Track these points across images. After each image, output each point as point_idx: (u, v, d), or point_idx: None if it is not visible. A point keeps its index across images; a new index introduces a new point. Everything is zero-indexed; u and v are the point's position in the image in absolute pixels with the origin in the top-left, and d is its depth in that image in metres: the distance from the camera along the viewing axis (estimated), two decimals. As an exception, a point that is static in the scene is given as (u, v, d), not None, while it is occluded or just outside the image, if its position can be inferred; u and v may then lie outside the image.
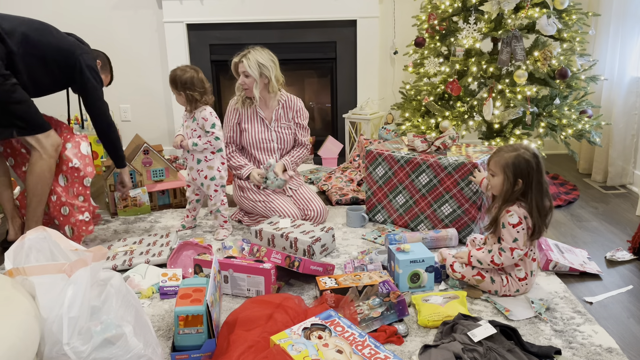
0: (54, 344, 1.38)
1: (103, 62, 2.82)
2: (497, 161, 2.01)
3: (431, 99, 3.39)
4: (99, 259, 1.50)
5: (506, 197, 2.01)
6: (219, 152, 2.72)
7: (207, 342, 1.68)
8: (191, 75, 2.61)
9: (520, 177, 1.96)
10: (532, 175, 1.96)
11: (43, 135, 2.47)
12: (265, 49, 2.84)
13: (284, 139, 2.96)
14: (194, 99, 2.63)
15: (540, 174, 1.98)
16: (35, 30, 2.46)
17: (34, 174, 2.50)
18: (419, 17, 3.56)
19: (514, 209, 1.98)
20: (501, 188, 2.02)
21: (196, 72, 2.64)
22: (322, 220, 2.88)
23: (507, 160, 1.98)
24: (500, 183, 2.02)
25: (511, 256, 1.99)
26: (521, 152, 1.98)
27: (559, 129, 3.14)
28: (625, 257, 2.43)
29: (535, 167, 1.96)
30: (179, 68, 2.65)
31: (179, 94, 2.64)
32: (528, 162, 1.96)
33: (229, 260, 2.14)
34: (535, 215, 1.97)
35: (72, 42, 2.58)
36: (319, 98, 4.61)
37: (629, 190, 3.40)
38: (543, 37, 3.17)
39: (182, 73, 2.61)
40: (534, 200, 1.97)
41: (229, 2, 4.05)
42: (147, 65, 4.30)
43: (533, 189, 1.97)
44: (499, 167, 2.01)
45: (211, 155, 2.70)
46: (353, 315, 1.84)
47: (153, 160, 3.21)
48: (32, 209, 2.56)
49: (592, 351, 1.74)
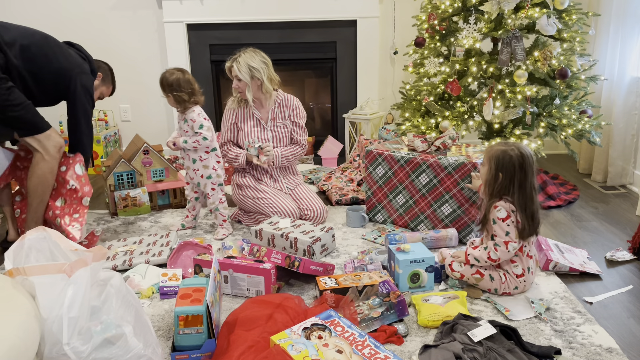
0: (54, 344, 1.38)
1: (105, 73, 2.83)
2: (487, 151, 2.09)
3: (431, 99, 3.39)
4: (99, 259, 1.50)
5: (489, 189, 2.06)
6: (213, 151, 2.74)
7: (207, 342, 1.68)
8: (177, 77, 2.66)
9: (501, 171, 2.01)
10: (513, 172, 1.99)
11: (44, 136, 2.47)
12: (257, 50, 2.84)
13: (281, 137, 2.96)
14: (182, 100, 2.68)
15: (525, 174, 2.00)
16: (35, 45, 2.43)
17: (35, 175, 2.50)
18: (419, 17, 3.56)
19: (500, 204, 2.02)
20: (485, 179, 2.09)
21: (182, 74, 2.69)
22: (322, 220, 2.88)
23: (494, 153, 2.04)
24: (485, 173, 2.09)
25: (507, 250, 2.00)
26: (509, 148, 2.02)
27: (559, 129, 3.14)
28: (625, 257, 2.43)
29: (517, 165, 1.99)
30: (167, 70, 2.70)
31: (168, 96, 2.70)
32: (511, 158, 2.00)
33: (229, 260, 2.14)
34: (521, 214, 2.00)
35: (71, 60, 2.55)
36: (319, 98, 4.61)
37: (629, 190, 3.40)
38: (543, 37, 3.17)
39: (169, 75, 2.67)
40: (516, 199, 2.00)
41: (229, 2, 4.05)
42: (147, 65, 4.30)
43: (515, 186, 2.00)
44: (487, 157, 2.08)
45: (206, 155, 2.73)
46: (353, 315, 1.84)
47: (153, 160, 3.21)
48: (32, 209, 2.55)
49: (592, 351, 1.74)
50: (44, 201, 2.56)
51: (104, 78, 2.83)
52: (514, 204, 2.01)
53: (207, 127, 2.69)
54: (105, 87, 2.87)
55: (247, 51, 2.81)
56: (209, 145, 2.70)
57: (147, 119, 4.45)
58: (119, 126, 4.46)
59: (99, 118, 4.27)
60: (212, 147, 2.72)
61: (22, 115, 2.40)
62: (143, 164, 3.18)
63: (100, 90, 2.87)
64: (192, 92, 2.69)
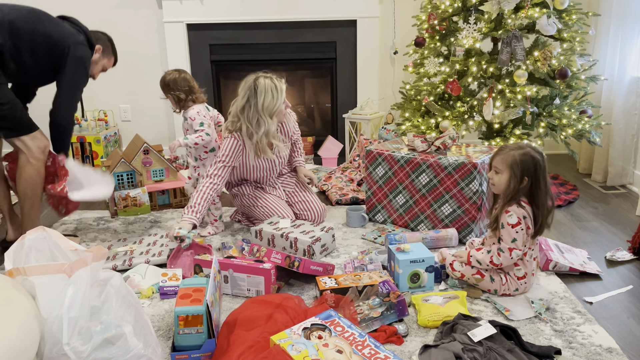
0: (54, 344, 1.39)
1: (104, 45, 2.72)
2: (504, 159, 2.01)
3: (431, 99, 3.39)
4: (98, 259, 1.50)
5: (511, 195, 2.00)
6: (211, 151, 2.74)
7: (207, 342, 1.68)
8: (173, 76, 2.71)
9: (527, 174, 1.97)
10: (538, 173, 1.97)
11: (29, 137, 2.41)
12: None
13: (285, 157, 2.84)
14: (179, 99, 2.71)
15: (545, 172, 2.00)
16: (23, 19, 2.35)
17: (22, 179, 2.44)
18: (419, 17, 3.56)
19: (513, 209, 1.98)
20: (506, 186, 2.01)
21: (179, 73, 2.73)
22: (321, 220, 2.88)
23: (515, 158, 1.98)
24: (505, 181, 2.01)
25: (510, 256, 1.99)
26: (528, 150, 1.99)
27: (559, 129, 3.14)
28: (625, 257, 2.43)
29: (541, 165, 1.98)
30: (165, 72, 2.74)
31: (167, 97, 2.74)
32: (535, 159, 1.97)
33: (229, 260, 2.14)
34: (541, 212, 1.99)
35: (63, 32, 2.47)
36: (319, 98, 4.61)
37: (629, 190, 3.40)
38: (543, 37, 3.17)
39: (166, 75, 2.72)
40: (539, 199, 1.98)
41: (228, 2, 4.05)
42: (147, 65, 4.30)
43: (540, 187, 1.98)
44: (505, 164, 2.00)
45: (205, 154, 2.76)
46: (353, 315, 1.84)
47: (153, 160, 3.20)
48: (25, 213, 2.51)
49: (592, 351, 1.74)
50: (36, 203, 2.52)
51: (104, 50, 2.72)
52: (531, 206, 1.99)
53: (207, 123, 2.69)
54: (106, 59, 2.77)
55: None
56: (208, 145, 2.70)
57: (147, 119, 4.45)
58: (119, 126, 4.46)
59: (99, 118, 4.27)
60: (210, 147, 2.72)
61: (8, 115, 2.35)
62: (143, 164, 3.18)
63: (102, 63, 2.76)
64: (189, 90, 2.71)
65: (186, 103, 2.71)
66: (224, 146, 2.60)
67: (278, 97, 2.52)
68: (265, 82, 2.52)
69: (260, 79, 2.53)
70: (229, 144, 2.59)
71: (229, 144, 2.59)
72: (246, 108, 2.53)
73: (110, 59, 2.81)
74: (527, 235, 2.00)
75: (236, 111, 2.58)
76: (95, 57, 2.67)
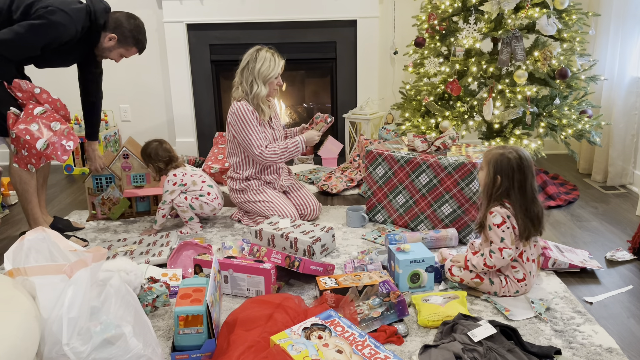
0: (53, 344, 1.39)
1: (121, 35, 2.66)
2: (485, 155, 2.09)
3: (431, 99, 3.39)
4: (98, 260, 1.50)
5: (488, 192, 2.05)
6: (185, 193, 2.80)
7: (207, 342, 1.68)
8: (155, 146, 2.82)
9: (499, 174, 2.00)
10: (512, 175, 1.99)
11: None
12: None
13: (281, 133, 3.04)
14: (160, 169, 2.84)
15: (524, 176, 1.99)
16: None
17: (12, 176, 2.52)
18: (419, 17, 3.56)
19: (496, 210, 2.00)
20: (484, 183, 2.08)
21: (160, 144, 2.84)
22: (316, 215, 2.95)
23: (492, 156, 2.03)
24: (483, 177, 2.08)
25: (501, 257, 1.99)
26: (507, 151, 2.01)
27: (559, 129, 3.14)
28: (625, 257, 2.43)
29: (516, 167, 1.98)
30: (146, 142, 2.86)
31: (147, 167, 2.89)
32: (509, 160, 1.99)
33: (229, 260, 2.14)
34: (521, 217, 1.99)
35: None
36: (319, 98, 4.61)
37: (629, 190, 3.40)
38: (543, 37, 3.17)
39: (146, 146, 2.84)
40: (517, 202, 1.99)
41: (229, 2, 4.05)
42: (147, 66, 4.30)
43: (515, 189, 1.99)
44: (485, 161, 2.07)
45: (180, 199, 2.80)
46: (353, 315, 1.84)
47: (133, 164, 3.07)
48: (23, 209, 2.60)
49: (592, 351, 1.74)
50: (30, 200, 2.58)
51: (119, 40, 2.66)
52: (513, 208, 2.00)
53: (170, 191, 2.78)
54: (123, 49, 2.72)
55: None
56: (167, 205, 2.78)
57: (147, 119, 4.45)
58: (119, 126, 4.46)
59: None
60: (193, 195, 2.82)
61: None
62: (122, 168, 3.07)
63: (118, 52, 2.72)
64: (169, 160, 2.82)
65: (167, 171, 2.83)
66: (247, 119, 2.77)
67: (274, 67, 2.78)
68: (266, 53, 2.79)
69: (262, 50, 2.80)
70: (243, 112, 2.77)
71: (243, 112, 2.77)
72: (245, 70, 2.79)
73: (129, 49, 2.74)
74: (514, 235, 2.00)
75: (238, 71, 2.83)
76: (110, 44, 2.67)
